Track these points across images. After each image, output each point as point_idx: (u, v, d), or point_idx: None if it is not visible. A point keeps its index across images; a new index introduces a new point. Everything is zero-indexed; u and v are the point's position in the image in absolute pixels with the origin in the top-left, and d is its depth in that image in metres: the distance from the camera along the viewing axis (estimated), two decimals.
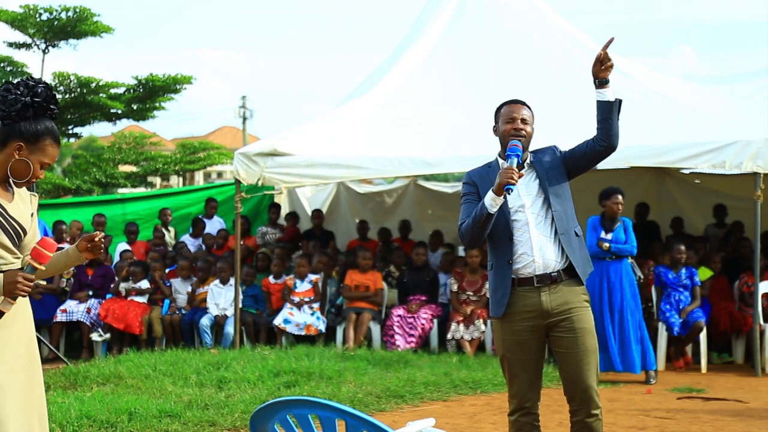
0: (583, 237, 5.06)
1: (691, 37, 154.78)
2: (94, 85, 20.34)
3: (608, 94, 5.01)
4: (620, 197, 9.20)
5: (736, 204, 12.41)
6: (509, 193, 4.66)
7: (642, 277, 10.01)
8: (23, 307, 3.98)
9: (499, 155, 5.03)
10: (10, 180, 3.95)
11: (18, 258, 3.95)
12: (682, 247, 10.13)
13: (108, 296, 11.27)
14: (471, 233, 4.79)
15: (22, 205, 4.00)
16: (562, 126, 10.28)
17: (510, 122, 4.99)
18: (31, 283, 3.80)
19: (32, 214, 4.04)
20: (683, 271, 10.07)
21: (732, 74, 14.39)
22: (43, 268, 3.86)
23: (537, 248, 4.79)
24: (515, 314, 4.80)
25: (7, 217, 3.90)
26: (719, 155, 9.34)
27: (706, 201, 13.36)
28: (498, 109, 5.10)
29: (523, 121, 5.01)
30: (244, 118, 44.74)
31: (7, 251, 3.90)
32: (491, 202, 4.68)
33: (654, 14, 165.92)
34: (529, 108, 5.10)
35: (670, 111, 10.53)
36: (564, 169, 5.06)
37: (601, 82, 5.03)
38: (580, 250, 4.92)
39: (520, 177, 4.71)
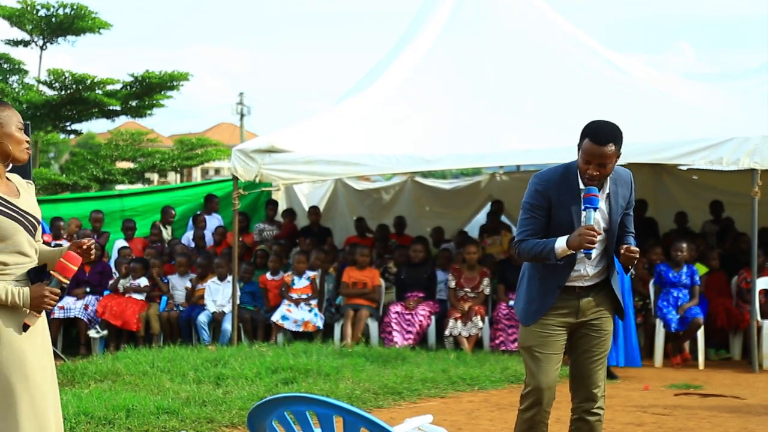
0: None
1: (689, 34, 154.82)
2: (89, 81, 20.34)
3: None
4: None
5: (734, 200, 12.43)
6: (588, 257, 4.66)
7: (634, 273, 10.03)
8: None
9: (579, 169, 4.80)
10: (6, 172, 3.97)
11: (35, 252, 3.97)
12: (684, 245, 10.14)
13: (105, 293, 11.26)
14: (530, 260, 4.81)
15: (29, 197, 4.02)
16: (561, 124, 10.29)
17: (587, 163, 4.69)
18: (57, 297, 3.85)
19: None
20: (684, 269, 10.08)
21: (730, 71, 14.41)
22: (68, 282, 3.90)
23: (590, 269, 4.85)
24: (549, 311, 4.85)
25: (23, 213, 3.91)
26: (717, 152, 9.35)
27: (704, 197, 13.37)
28: (583, 134, 4.82)
29: (601, 164, 4.66)
30: (242, 115, 44.78)
31: (29, 246, 3.92)
32: (562, 252, 4.63)
33: (652, 11, 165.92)
34: (615, 142, 4.71)
35: (667, 108, 10.54)
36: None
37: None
38: (617, 265, 4.98)
39: (599, 240, 4.66)
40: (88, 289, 11.31)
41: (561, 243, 4.60)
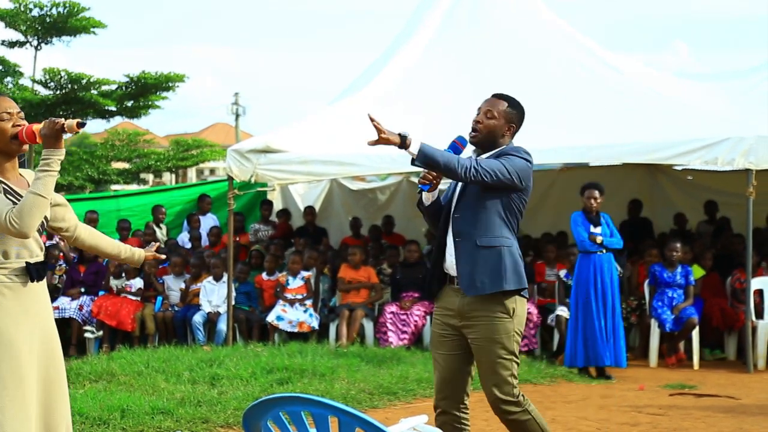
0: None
1: (684, 34, 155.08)
2: (85, 81, 20.34)
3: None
4: (596, 192, 9.20)
5: (729, 200, 12.43)
6: (420, 193, 4.66)
7: (622, 272, 10.07)
8: (42, 305, 3.97)
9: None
10: (16, 163, 3.94)
11: (42, 250, 3.96)
12: (678, 245, 10.15)
13: (101, 293, 11.25)
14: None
15: None
16: (557, 124, 10.30)
17: (477, 112, 4.80)
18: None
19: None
20: (679, 269, 10.09)
21: (725, 71, 14.42)
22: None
23: (450, 248, 4.74)
24: (438, 306, 4.82)
25: None
26: (712, 152, 9.36)
27: (699, 197, 13.38)
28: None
29: (487, 114, 4.76)
30: (237, 115, 44.70)
31: (35, 241, 3.90)
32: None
33: (648, 10, 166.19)
34: (510, 103, 4.85)
35: (663, 108, 10.55)
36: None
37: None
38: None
39: (437, 179, 4.64)
40: (82, 290, 11.30)
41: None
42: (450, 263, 4.65)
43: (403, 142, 4.35)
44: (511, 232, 4.70)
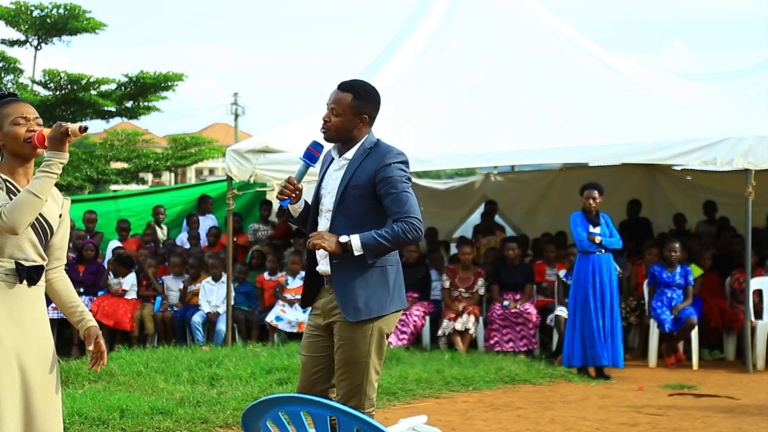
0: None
1: (684, 34, 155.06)
2: (84, 82, 20.34)
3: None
4: (596, 193, 9.20)
5: (728, 200, 12.44)
6: (281, 209, 4.48)
7: (622, 272, 10.07)
8: (35, 309, 3.93)
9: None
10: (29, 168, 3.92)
11: (44, 259, 3.91)
12: (677, 245, 10.16)
13: (100, 293, 11.25)
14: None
15: (53, 204, 3.93)
16: (554, 124, 10.31)
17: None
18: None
19: (60, 216, 3.97)
20: (678, 269, 10.10)
21: (724, 71, 14.43)
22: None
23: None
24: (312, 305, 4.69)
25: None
26: (711, 152, 9.36)
27: (698, 198, 13.39)
28: None
29: (333, 110, 4.45)
30: (236, 115, 44.66)
31: (32, 247, 3.86)
32: (292, 210, 4.55)
33: (647, 11, 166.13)
34: (355, 94, 4.48)
35: (661, 108, 10.55)
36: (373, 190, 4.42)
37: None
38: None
39: (298, 190, 4.43)
40: (82, 290, 11.29)
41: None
42: (323, 264, 4.49)
43: (345, 249, 4.27)
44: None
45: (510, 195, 14.85)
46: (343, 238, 4.27)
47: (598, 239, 9.08)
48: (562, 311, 10.03)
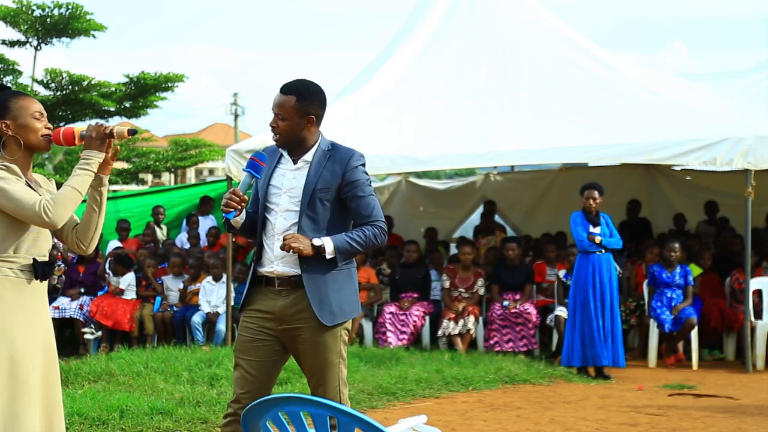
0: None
1: (684, 34, 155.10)
2: (86, 83, 20.33)
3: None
4: (596, 193, 9.20)
5: (727, 201, 12.45)
6: (231, 221, 4.30)
7: (622, 272, 10.07)
8: (42, 304, 3.96)
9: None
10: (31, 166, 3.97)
11: (52, 256, 3.96)
12: (676, 245, 10.16)
13: (100, 293, 11.25)
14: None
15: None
16: (554, 124, 10.31)
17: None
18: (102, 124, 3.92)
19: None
20: (678, 269, 10.10)
21: (724, 71, 14.43)
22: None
23: (277, 251, 4.34)
24: (253, 310, 4.47)
25: None
26: (710, 152, 9.36)
27: (698, 198, 13.40)
28: None
29: (279, 115, 4.34)
30: (236, 115, 44.65)
31: (46, 243, 3.92)
32: (234, 221, 4.35)
33: (647, 11, 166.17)
34: (299, 96, 4.34)
35: (661, 108, 10.55)
36: (337, 193, 4.37)
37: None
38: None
39: (243, 201, 4.25)
40: (82, 290, 11.30)
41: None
42: (277, 265, 4.37)
43: (319, 251, 4.24)
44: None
45: (510, 195, 14.86)
46: (317, 241, 4.25)
47: (598, 239, 9.09)
48: (561, 311, 10.03)
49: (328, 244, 4.25)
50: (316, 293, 4.29)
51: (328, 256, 4.25)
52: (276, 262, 4.34)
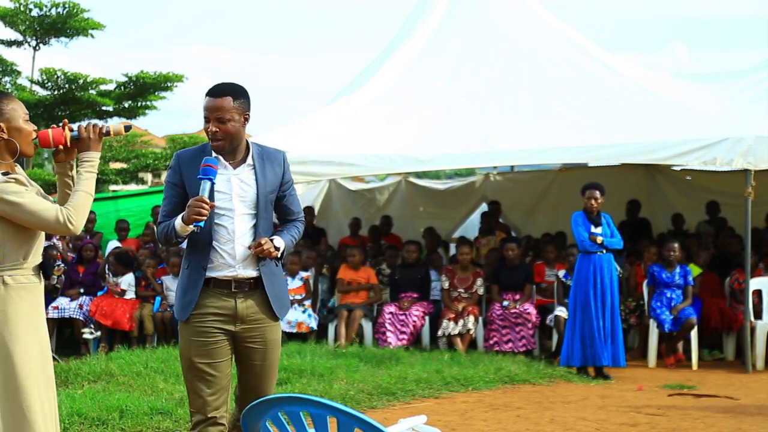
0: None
1: (683, 34, 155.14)
2: (82, 81, 20.31)
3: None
4: (597, 193, 9.20)
5: (727, 201, 12.45)
6: (197, 230, 4.21)
7: (621, 272, 10.06)
8: (38, 305, 3.98)
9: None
10: (20, 165, 3.98)
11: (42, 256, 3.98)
12: (676, 245, 10.16)
13: (99, 293, 11.24)
14: (164, 242, 4.41)
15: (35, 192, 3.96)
16: (554, 125, 10.31)
17: (207, 122, 4.25)
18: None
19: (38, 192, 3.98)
20: (677, 269, 10.10)
21: (724, 71, 14.43)
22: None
23: (238, 254, 4.34)
24: (207, 314, 4.41)
25: None
26: (710, 152, 9.36)
27: (698, 198, 13.39)
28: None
29: (219, 119, 4.24)
30: None
31: (42, 244, 3.95)
32: (181, 229, 4.23)
33: (647, 11, 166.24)
34: (234, 95, 4.27)
35: (661, 108, 10.56)
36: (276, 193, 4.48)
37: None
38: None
39: (211, 208, 4.20)
40: (81, 290, 11.29)
41: (179, 218, 4.23)
42: (239, 269, 4.36)
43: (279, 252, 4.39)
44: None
45: (509, 195, 14.86)
46: (278, 243, 4.36)
47: (599, 239, 9.09)
48: (561, 311, 10.03)
49: (280, 244, 4.38)
50: (274, 292, 4.42)
51: (279, 255, 4.39)
52: (238, 266, 4.37)
